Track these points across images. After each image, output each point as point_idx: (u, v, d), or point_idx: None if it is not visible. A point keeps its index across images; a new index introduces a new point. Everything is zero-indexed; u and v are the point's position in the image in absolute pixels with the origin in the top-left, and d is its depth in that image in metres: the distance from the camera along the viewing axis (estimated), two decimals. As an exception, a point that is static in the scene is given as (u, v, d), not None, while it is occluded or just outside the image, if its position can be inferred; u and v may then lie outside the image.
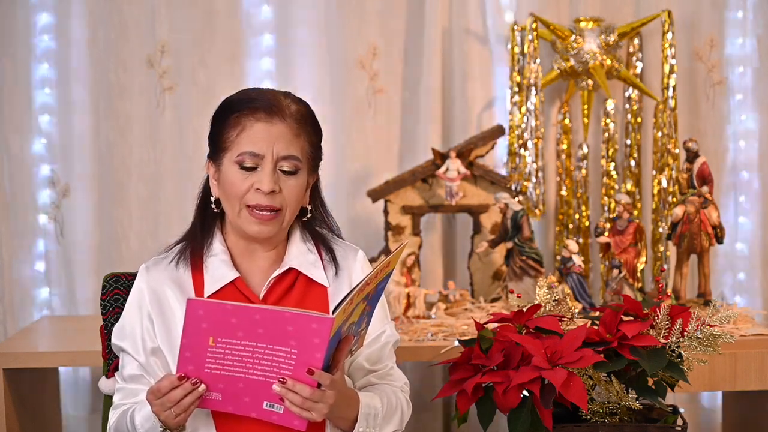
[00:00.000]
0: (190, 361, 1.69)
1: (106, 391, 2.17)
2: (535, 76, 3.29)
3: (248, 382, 1.70)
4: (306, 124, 1.89)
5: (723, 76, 3.57)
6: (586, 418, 2.14)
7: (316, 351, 1.66)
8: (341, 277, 1.96)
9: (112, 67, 3.45)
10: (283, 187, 1.86)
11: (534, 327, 2.17)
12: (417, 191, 3.28)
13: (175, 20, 3.46)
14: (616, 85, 3.50)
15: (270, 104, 1.85)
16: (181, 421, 1.76)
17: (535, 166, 3.31)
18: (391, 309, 2.97)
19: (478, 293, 3.27)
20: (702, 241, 3.04)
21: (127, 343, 1.91)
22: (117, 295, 2.15)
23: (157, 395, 1.73)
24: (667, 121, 3.35)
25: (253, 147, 1.84)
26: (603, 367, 2.09)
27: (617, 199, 3.17)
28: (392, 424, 1.92)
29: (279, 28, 3.49)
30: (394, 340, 2.03)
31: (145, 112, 3.46)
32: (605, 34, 3.35)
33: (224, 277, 1.90)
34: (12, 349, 2.86)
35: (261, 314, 1.65)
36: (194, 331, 1.67)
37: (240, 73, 3.48)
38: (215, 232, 1.95)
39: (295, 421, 1.73)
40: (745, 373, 2.73)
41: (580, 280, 3.02)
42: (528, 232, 3.10)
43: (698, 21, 3.55)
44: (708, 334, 2.14)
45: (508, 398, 2.02)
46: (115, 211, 3.48)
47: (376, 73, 3.54)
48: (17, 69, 3.44)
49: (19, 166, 3.46)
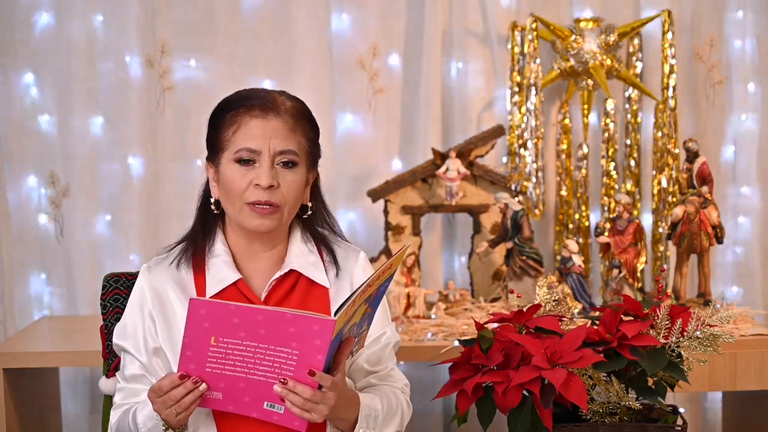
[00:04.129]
0: (191, 360, 1.70)
1: (106, 391, 2.17)
2: (535, 76, 3.30)
3: (249, 382, 1.70)
4: (302, 119, 1.90)
5: (723, 76, 3.58)
6: (586, 418, 2.14)
7: (317, 352, 1.66)
8: (342, 278, 1.96)
9: (112, 67, 3.45)
10: (282, 182, 1.86)
11: (534, 327, 2.17)
12: (417, 191, 3.28)
13: (175, 20, 3.46)
14: (616, 85, 3.50)
15: (265, 101, 1.86)
16: (182, 420, 1.76)
17: (535, 166, 3.31)
18: (391, 309, 2.97)
19: (478, 293, 3.28)
20: (702, 241, 3.04)
21: (128, 343, 1.91)
22: (117, 295, 2.15)
23: (158, 393, 1.73)
24: (667, 121, 3.35)
25: (250, 143, 1.84)
26: (603, 367, 2.09)
27: (617, 199, 3.17)
28: (393, 425, 1.92)
29: (279, 28, 3.49)
30: (395, 341, 2.03)
31: (145, 112, 3.46)
32: (605, 34, 3.35)
33: (226, 278, 1.90)
34: (12, 349, 2.86)
35: (263, 315, 1.65)
36: (196, 331, 1.67)
37: (240, 73, 3.48)
38: (217, 233, 1.95)
39: (296, 421, 1.73)
40: (745, 373, 2.73)
41: (580, 280, 3.02)
42: (528, 232, 3.11)
43: (698, 21, 3.55)
44: (708, 334, 2.14)
45: (508, 398, 2.02)
46: (115, 211, 3.48)
47: (376, 73, 3.54)
48: (17, 68, 3.44)
49: (19, 166, 3.46)
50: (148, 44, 3.44)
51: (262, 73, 3.48)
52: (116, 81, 3.45)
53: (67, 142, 3.46)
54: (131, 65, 3.44)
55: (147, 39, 3.44)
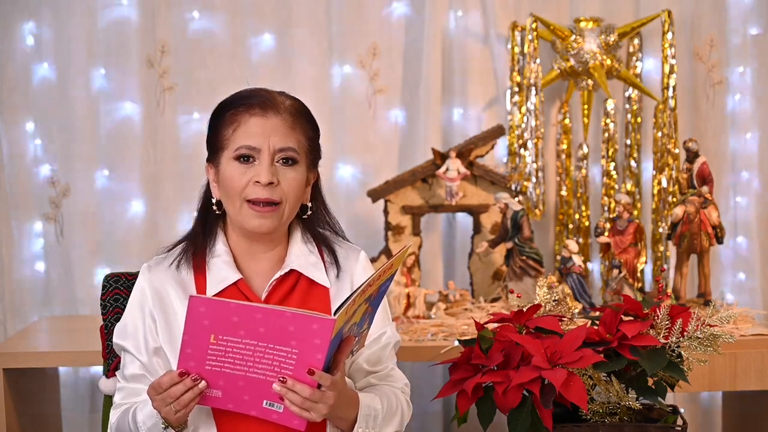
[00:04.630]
0: (191, 358, 1.70)
1: (106, 391, 2.17)
2: (535, 76, 3.30)
3: (248, 381, 1.70)
4: (301, 118, 1.90)
5: (723, 76, 3.57)
6: (586, 418, 2.14)
7: (317, 351, 1.66)
8: (343, 278, 1.96)
9: (113, 67, 3.45)
10: (282, 180, 1.86)
11: (534, 327, 2.17)
12: (417, 191, 3.28)
13: (175, 20, 3.46)
14: (616, 85, 3.50)
15: (264, 100, 1.87)
16: (180, 418, 1.76)
17: (535, 166, 3.31)
18: (392, 309, 2.97)
19: (478, 293, 3.27)
20: (702, 241, 3.04)
21: (128, 343, 1.91)
22: (117, 295, 2.15)
23: (157, 390, 1.73)
24: (667, 121, 3.35)
25: (250, 140, 1.85)
26: (603, 367, 2.09)
27: (617, 199, 3.17)
28: (392, 425, 1.92)
29: (279, 28, 3.49)
30: (395, 341, 2.03)
31: (145, 112, 3.46)
32: (605, 34, 3.35)
33: (227, 278, 1.90)
34: (12, 349, 2.86)
35: (263, 313, 1.65)
36: (196, 328, 1.67)
37: (240, 73, 3.48)
38: (218, 233, 1.95)
39: (295, 420, 1.73)
40: (745, 373, 2.73)
41: (580, 280, 3.02)
42: (528, 232, 3.10)
43: (698, 21, 3.55)
44: (708, 334, 2.14)
45: (508, 398, 2.02)
46: (115, 211, 3.48)
47: (376, 73, 3.54)
48: (17, 68, 3.44)
49: (19, 166, 3.46)
50: (148, 44, 3.44)
51: (262, 73, 3.47)
52: (116, 81, 3.45)
53: (67, 141, 3.46)
54: (131, 65, 3.44)
55: (147, 39, 3.43)
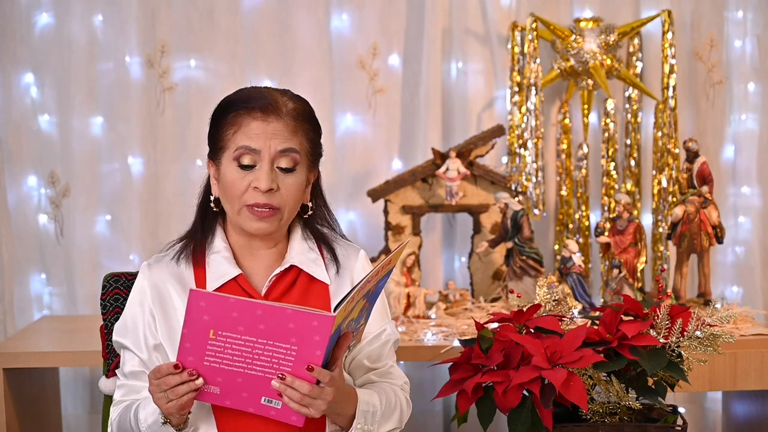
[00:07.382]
0: (189, 352, 1.69)
1: (106, 391, 2.17)
2: (535, 76, 3.30)
3: (247, 377, 1.70)
4: (303, 121, 1.89)
5: (723, 76, 3.57)
6: (586, 418, 2.14)
7: (316, 348, 1.66)
8: (343, 275, 1.96)
9: (112, 66, 3.45)
10: (281, 185, 1.86)
11: (534, 327, 2.17)
12: (417, 191, 3.28)
13: (175, 20, 3.46)
14: (616, 85, 3.50)
15: (266, 102, 1.85)
16: (175, 413, 1.74)
17: (535, 166, 3.31)
18: (391, 309, 2.97)
19: (478, 293, 3.27)
20: (702, 241, 3.04)
21: (128, 340, 1.91)
22: (117, 295, 2.15)
23: (156, 375, 1.73)
24: (667, 121, 3.35)
25: (250, 142, 1.84)
26: (603, 367, 2.09)
27: (617, 199, 3.17)
28: (391, 421, 1.92)
29: (279, 28, 3.49)
30: (395, 338, 2.03)
31: (145, 112, 3.46)
32: (605, 34, 3.35)
33: (226, 273, 1.90)
34: (12, 349, 2.86)
35: (262, 310, 1.65)
36: (195, 323, 1.67)
37: (240, 73, 3.48)
38: (217, 229, 1.95)
39: (293, 416, 1.73)
40: (745, 373, 2.73)
41: (580, 280, 3.02)
42: (528, 232, 3.10)
43: (698, 21, 3.55)
44: (708, 334, 2.14)
45: (508, 398, 2.02)
46: (115, 210, 3.48)
47: (376, 73, 3.54)
48: (17, 69, 3.44)
49: (19, 167, 3.46)
50: (148, 44, 3.44)
51: (262, 73, 3.48)
52: (116, 81, 3.45)
53: (67, 142, 3.46)
54: (131, 65, 3.45)
55: (147, 39, 3.44)
